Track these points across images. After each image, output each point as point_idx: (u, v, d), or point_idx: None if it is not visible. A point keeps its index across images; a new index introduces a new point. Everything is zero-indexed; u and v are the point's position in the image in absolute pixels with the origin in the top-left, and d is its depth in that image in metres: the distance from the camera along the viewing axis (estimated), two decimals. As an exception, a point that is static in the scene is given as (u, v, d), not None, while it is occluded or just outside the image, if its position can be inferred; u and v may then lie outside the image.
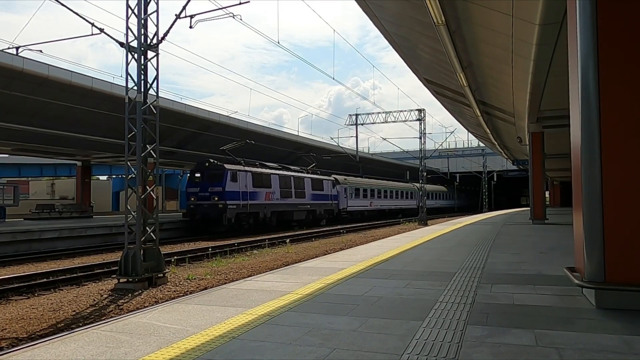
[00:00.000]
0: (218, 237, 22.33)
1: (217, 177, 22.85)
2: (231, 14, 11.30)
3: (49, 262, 13.60)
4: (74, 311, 7.58)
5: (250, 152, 32.59)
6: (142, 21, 9.22)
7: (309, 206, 30.04)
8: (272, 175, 26.30)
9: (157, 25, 9.32)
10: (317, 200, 31.20)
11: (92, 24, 10.10)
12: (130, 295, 8.44)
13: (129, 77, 9.26)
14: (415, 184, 50.45)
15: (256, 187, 24.55)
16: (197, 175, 23.58)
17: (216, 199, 22.29)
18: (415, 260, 8.10)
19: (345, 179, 36.82)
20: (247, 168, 24.23)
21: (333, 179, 34.39)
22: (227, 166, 22.96)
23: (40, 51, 15.74)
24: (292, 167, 29.94)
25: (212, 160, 23.39)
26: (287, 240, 18.55)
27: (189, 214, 23.08)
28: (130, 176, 9.43)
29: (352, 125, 35.46)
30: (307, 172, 31.39)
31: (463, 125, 29.99)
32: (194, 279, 10.10)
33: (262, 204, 25.05)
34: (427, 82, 17.60)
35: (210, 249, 15.10)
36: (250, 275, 8.94)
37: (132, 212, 9.20)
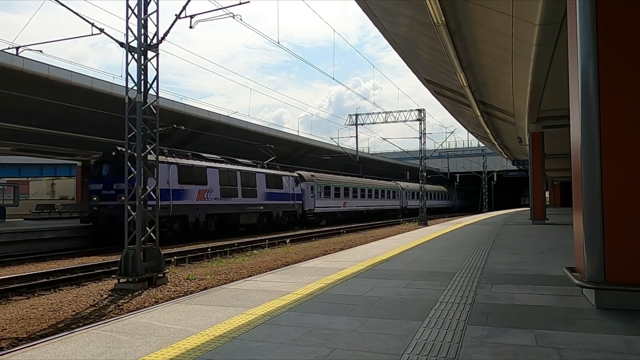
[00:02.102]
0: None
1: (124, 169, 19.27)
2: (231, 14, 11.30)
3: (49, 262, 13.59)
4: (74, 311, 7.58)
5: (251, 152, 32.62)
6: (142, 21, 9.21)
7: (261, 207, 24.89)
8: (208, 169, 21.16)
9: (157, 25, 9.32)
10: (274, 200, 26.20)
11: (92, 24, 10.10)
12: (130, 295, 8.44)
13: (129, 77, 9.27)
14: (399, 182, 47.82)
15: (184, 183, 19.65)
16: (103, 167, 18.40)
17: (123, 198, 18.58)
18: (415, 260, 8.10)
19: (312, 175, 32.12)
20: (171, 159, 19.28)
21: (296, 175, 29.73)
22: None
23: (40, 51, 15.76)
24: (240, 160, 24.80)
25: (119, 148, 17.73)
26: (287, 240, 18.56)
27: (90, 217, 18.05)
28: (130, 176, 9.43)
29: (352, 125, 35.41)
30: (263, 167, 26.53)
31: (463, 125, 29.99)
32: (194, 279, 10.10)
33: (193, 205, 20.10)
34: (427, 82, 17.60)
35: (210, 249, 15.10)
36: (250, 276, 8.94)
37: (133, 213, 9.20)
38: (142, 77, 9.31)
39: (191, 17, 10.31)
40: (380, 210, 42.83)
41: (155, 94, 9.57)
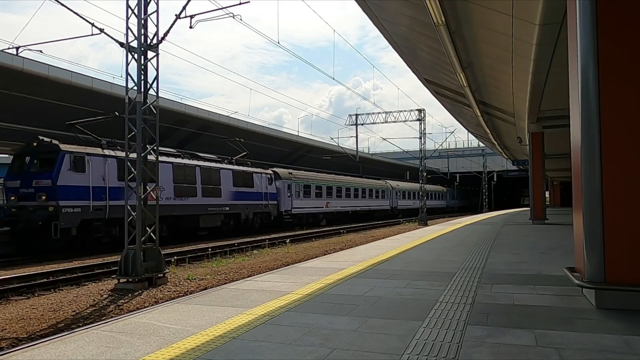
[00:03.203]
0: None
1: (45, 163, 15.07)
2: (231, 14, 11.30)
3: (48, 262, 13.59)
4: (74, 311, 7.58)
5: (251, 152, 32.63)
6: (142, 21, 9.22)
7: (227, 208, 22.08)
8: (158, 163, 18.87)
9: (157, 26, 9.32)
10: (243, 200, 23.29)
11: (92, 24, 10.10)
12: (130, 295, 8.44)
13: (129, 77, 9.27)
14: (388, 181, 45.22)
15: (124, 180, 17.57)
16: (24, 160, 15.55)
17: (43, 197, 14.59)
18: (415, 260, 8.10)
19: (290, 172, 29.29)
20: (109, 152, 16.42)
21: (271, 172, 26.80)
22: (63, 147, 15.01)
23: (40, 51, 15.73)
24: (202, 154, 21.91)
25: (42, 138, 15.42)
26: (287, 241, 18.57)
27: (8, 220, 15.24)
28: (130, 176, 9.43)
29: (352, 125, 35.38)
30: (231, 162, 23.53)
31: (463, 125, 29.99)
32: (194, 279, 10.10)
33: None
34: (427, 82, 17.59)
35: (210, 249, 15.11)
36: (250, 276, 8.94)
37: (133, 213, 9.20)
38: (142, 77, 9.31)
39: (191, 17, 10.31)
40: (368, 211, 40.06)
41: (155, 94, 9.57)
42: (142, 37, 9.26)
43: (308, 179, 31.06)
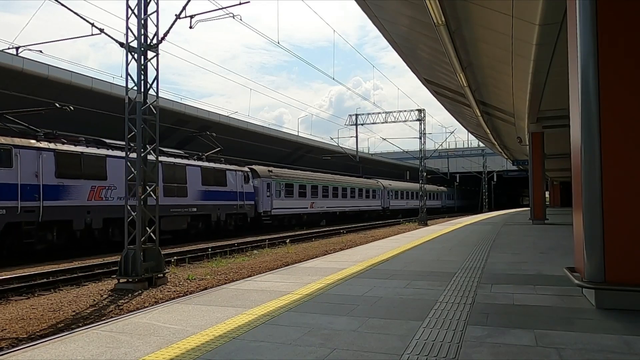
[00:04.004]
0: (218, 237, 19.44)
1: None
2: (231, 14, 11.30)
3: (48, 262, 13.59)
4: (74, 311, 7.58)
5: (251, 152, 32.66)
6: (142, 21, 9.22)
7: (194, 209, 19.83)
8: (108, 158, 15.95)
9: (157, 26, 9.32)
10: (213, 200, 21.04)
11: (92, 24, 10.09)
12: (130, 295, 8.44)
13: (129, 77, 9.27)
14: (380, 180, 43.17)
15: (65, 177, 14.69)
16: None
17: None
18: (415, 260, 8.10)
19: (269, 170, 26.99)
20: (44, 144, 14.34)
21: (247, 170, 24.30)
22: None
23: (40, 51, 15.76)
24: (165, 149, 19.41)
25: None
26: (287, 241, 18.57)
27: None
28: (130, 176, 9.43)
29: (352, 125, 35.36)
30: (201, 159, 21.31)
31: (463, 125, 29.99)
32: (194, 279, 10.10)
33: (81, 207, 15.11)
34: (427, 82, 17.59)
35: (210, 249, 15.11)
36: (250, 276, 8.94)
37: (133, 213, 9.20)
38: (142, 77, 9.31)
39: (191, 17, 10.31)
40: (357, 211, 37.63)
41: (155, 94, 9.58)
42: (142, 37, 9.26)
43: (290, 177, 28.82)
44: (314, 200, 30.91)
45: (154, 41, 9.33)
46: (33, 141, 14.10)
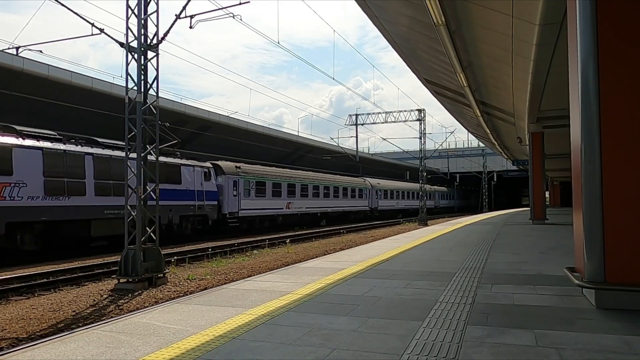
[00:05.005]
0: (219, 237, 19.07)
1: None
2: (231, 14, 11.29)
3: (48, 262, 13.59)
4: (74, 311, 7.58)
5: (251, 152, 32.67)
6: (142, 21, 9.22)
7: None
8: (15, 149, 13.28)
9: (157, 26, 9.32)
10: (164, 200, 16.59)
11: (92, 24, 10.09)
12: (130, 295, 8.44)
13: (129, 77, 9.27)
14: (367, 179, 40.42)
15: None
16: None
17: None
18: (415, 260, 8.10)
19: (237, 166, 23.97)
20: None
21: (209, 165, 21.55)
22: None
23: (40, 51, 15.72)
24: (99, 139, 16.41)
25: None
26: (287, 241, 18.57)
27: None
28: (130, 176, 9.43)
29: (352, 125, 35.34)
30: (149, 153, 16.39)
31: (463, 125, 29.99)
32: (194, 279, 10.10)
33: None
34: (427, 82, 17.59)
35: (210, 249, 15.11)
36: (250, 276, 8.94)
37: (133, 213, 9.20)
38: (142, 77, 9.31)
39: (191, 17, 10.31)
40: (342, 212, 34.70)
41: (155, 94, 9.58)
42: (142, 37, 9.26)
43: (263, 174, 25.88)
44: (291, 200, 28.11)
45: (154, 41, 9.33)
46: None
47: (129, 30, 9.19)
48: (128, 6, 9.17)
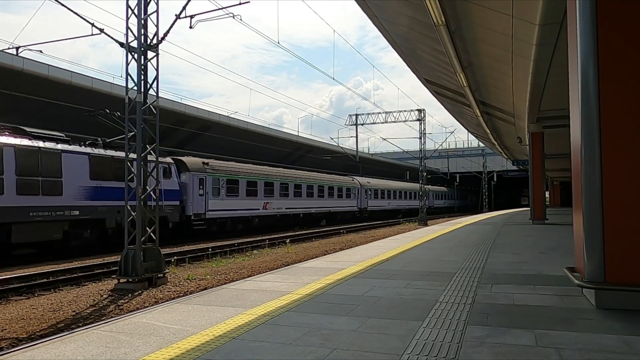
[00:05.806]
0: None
1: None
2: (231, 14, 11.29)
3: (48, 262, 13.59)
4: (74, 311, 7.58)
5: (251, 152, 32.67)
6: (142, 21, 9.22)
7: (77, 212, 14.73)
8: None
9: (157, 26, 9.32)
10: (110, 200, 15.76)
11: (92, 24, 10.09)
12: (130, 295, 8.44)
13: (129, 77, 9.27)
14: (356, 178, 38.03)
15: None
16: None
17: None
18: (415, 260, 8.10)
19: (204, 162, 21.58)
20: None
21: (169, 160, 19.27)
22: None
23: (40, 51, 15.69)
24: (27, 128, 14.16)
25: None
26: (287, 241, 18.56)
27: None
28: (130, 176, 9.43)
29: (352, 125, 35.31)
30: (93, 145, 16.16)
31: (463, 125, 29.99)
32: (194, 279, 10.10)
33: None
34: (427, 82, 17.59)
35: (210, 249, 15.11)
36: (250, 276, 8.94)
37: (133, 213, 9.20)
38: (142, 77, 9.31)
39: (191, 17, 10.31)
40: (327, 212, 32.10)
41: (155, 94, 9.58)
42: (142, 37, 9.26)
43: (235, 172, 23.22)
44: (269, 200, 25.52)
45: (154, 41, 9.33)
46: None
47: (129, 30, 9.19)
48: (128, 6, 9.17)
